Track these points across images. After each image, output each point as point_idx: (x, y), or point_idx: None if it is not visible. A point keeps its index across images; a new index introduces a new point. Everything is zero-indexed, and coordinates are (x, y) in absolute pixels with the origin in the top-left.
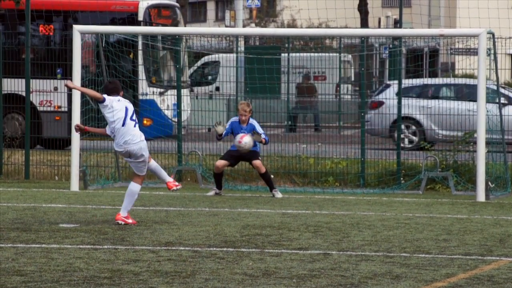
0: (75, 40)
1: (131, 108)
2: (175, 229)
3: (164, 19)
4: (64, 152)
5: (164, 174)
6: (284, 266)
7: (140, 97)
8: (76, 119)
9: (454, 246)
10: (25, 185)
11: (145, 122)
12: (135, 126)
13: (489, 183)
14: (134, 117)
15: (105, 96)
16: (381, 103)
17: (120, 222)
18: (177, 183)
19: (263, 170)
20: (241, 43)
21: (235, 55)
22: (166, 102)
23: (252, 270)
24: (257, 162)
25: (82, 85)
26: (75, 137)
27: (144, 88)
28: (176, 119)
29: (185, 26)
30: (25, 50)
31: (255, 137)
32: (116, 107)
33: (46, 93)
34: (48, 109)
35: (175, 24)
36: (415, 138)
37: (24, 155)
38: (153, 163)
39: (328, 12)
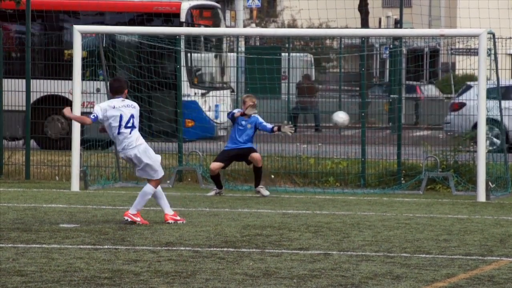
0: (75, 41)
1: (127, 114)
2: (176, 229)
3: (205, 20)
4: (64, 152)
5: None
6: (284, 266)
7: (182, 99)
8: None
9: (455, 246)
10: (25, 185)
11: (187, 123)
12: (131, 132)
13: (490, 183)
14: (130, 124)
15: (94, 114)
16: (462, 105)
17: (127, 218)
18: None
19: (260, 164)
20: (242, 43)
21: (235, 55)
22: (208, 103)
23: (252, 270)
24: (257, 155)
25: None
26: (76, 137)
27: (186, 89)
28: (218, 120)
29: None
30: (26, 51)
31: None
32: (110, 116)
33: (88, 95)
34: (91, 110)
35: (217, 25)
36: (497, 141)
37: (24, 156)
38: (159, 190)
39: (329, 12)
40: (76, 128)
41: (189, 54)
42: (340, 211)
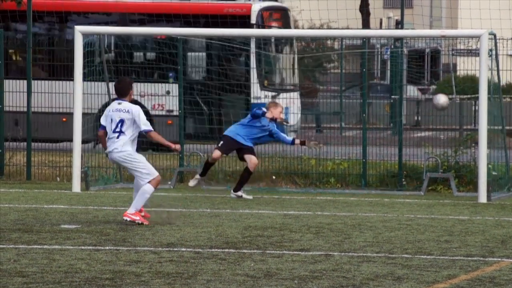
0: (76, 41)
1: (116, 118)
2: (177, 230)
3: (275, 22)
4: (65, 153)
5: (138, 201)
6: (285, 267)
7: (253, 101)
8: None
9: (456, 248)
10: (26, 186)
11: None
12: (118, 137)
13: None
14: (118, 129)
15: (101, 125)
16: None
17: (126, 218)
18: (136, 218)
19: (253, 169)
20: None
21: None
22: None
23: (253, 271)
24: (255, 159)
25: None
26: (77, 138)
27: (256, 91)
28: (287, 123)
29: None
30: (27, 51)
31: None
32: (108, 119)
33: (158, 97)
34: (160, 113)
35: (286, 26)
36: None
37: (25, 156)
38: (145, 186)
39: (330, 13)
40: (77, 128)
41: (259, 56)
42: (341, 212)
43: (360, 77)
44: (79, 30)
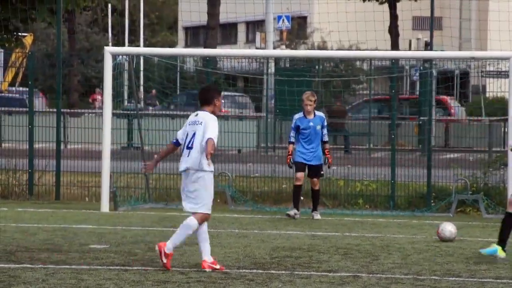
0: (106, 62)
1: (190, 132)
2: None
3: None
4: (94, 173)
5: (205, 247)
6: None
7: None
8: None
9: (485, 270)
10: (55, 206)
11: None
12: (189, 155)
13: None
14: (190, 144)
15: (174, 141)
16: None
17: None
18: (215, 266)
19: (317, 187)
20: (272, 65)
21: (265, 77)
22: None
23: None
24: (315, 180)
25: None
26: (106, 158)
27: None
28: None
29: (215, 48)
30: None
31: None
32: (184, 133)
33: None
34: None
35: None
36: None
37: (54, 176)
38: (191, 221)
39: (359, 34)
40: (106, 148)
41: None
42: (370, 233)
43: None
44: (109, 51)
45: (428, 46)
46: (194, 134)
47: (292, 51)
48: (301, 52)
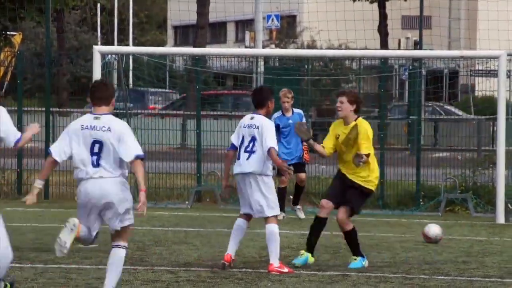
0: (95, 61)
1: (247, 136)
2: (194, 249)
3: None
4: None
5: (274, 247)
6: (302, 287)
7: None
8: None
9: (474, 268)
10: (44, 205)
11: None
12: (248, 158)
13: (509, 205)
14: (249, 148)
15: (232, 144)
16: None
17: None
18: (284, 270)
19: (304, 183)
20: (261, 64)
21: (254, 75)
22: None
23: None
24: (303, 175)
25: None
26: None
27: None
28: None
29: (205, 47)
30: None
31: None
32: (240, 136)
33: None
34: None
35: None
36: None
37: None
38: (274, 228)
39: (348, 33)
40: None
41: None
42: (359, 232)
43: (379, 98)
44: (98, 50)
45: (418, 45)
46: (252, 137)
47: (281, 50)
48: (291, 51)
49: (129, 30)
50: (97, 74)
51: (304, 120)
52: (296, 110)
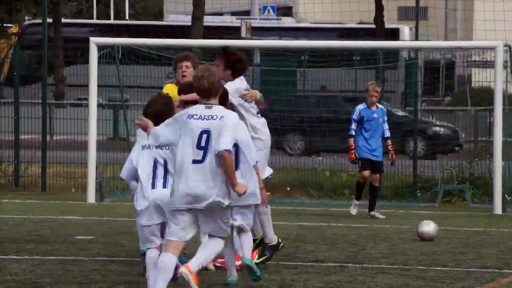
0: (91, 53)
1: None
2: (192, 242)
3: None
4: (80, 164)
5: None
6: (300, 278)
7: None
8: None
9: (471, 259)
10: (41, 197)
11: None
12: None
13: (506, 195)
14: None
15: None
16: None
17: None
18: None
19: (377, 183)
20: (257, 55)
21: (250, 68)
22: None
23: (268, 282)
24: (377, 176)
25: None
26: (92, 149)
27: None
28: None
29: (201, 37)
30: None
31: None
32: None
33: None
34: None
35: None
36: None
37: (40, 168)
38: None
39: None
40: (92, 139)
41: None
42: (356, 223)
43: None
44: (94, 42)
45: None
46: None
47: (277, 41)
48: (287, 43)
49: None
50: (93, 66)
51: (386, 117)
52: (380, 106)
